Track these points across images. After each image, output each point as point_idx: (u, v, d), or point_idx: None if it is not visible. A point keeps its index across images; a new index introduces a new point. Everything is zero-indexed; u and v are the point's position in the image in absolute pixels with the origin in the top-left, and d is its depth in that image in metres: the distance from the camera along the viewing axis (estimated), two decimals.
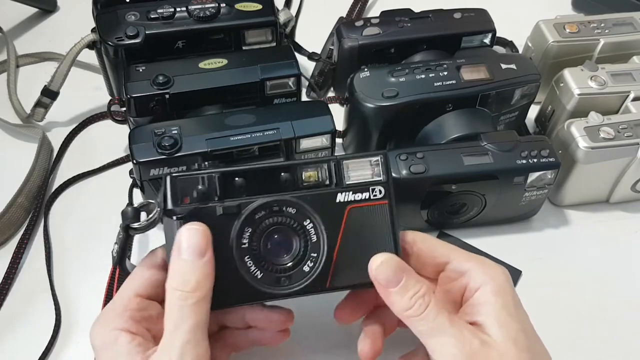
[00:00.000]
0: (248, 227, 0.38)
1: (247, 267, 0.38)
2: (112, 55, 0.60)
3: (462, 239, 0.60)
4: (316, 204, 0.39)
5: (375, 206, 0.40)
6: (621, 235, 0.61)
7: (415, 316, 0.37)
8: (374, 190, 0.40)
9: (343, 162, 0.40)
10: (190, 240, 0.37)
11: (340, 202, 0.40)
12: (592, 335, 0.54)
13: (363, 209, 0.40)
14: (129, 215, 0.39)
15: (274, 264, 0.39)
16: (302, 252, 0.39)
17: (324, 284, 0.39)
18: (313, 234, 0.39)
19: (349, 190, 0.40)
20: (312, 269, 0.39)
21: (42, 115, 0.67)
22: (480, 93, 0.58)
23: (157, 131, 0.52)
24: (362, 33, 0.65)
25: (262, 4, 0.63)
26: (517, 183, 0.56)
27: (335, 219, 0.39)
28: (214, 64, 0.58)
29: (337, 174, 0.40)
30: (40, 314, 0.54)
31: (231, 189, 0.39)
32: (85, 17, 0.65)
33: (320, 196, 0.39)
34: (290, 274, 0.39)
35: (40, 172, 0.63)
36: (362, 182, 0.40)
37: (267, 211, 0.38)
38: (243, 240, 0.38)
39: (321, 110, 0.56)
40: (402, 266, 0.39)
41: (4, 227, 0.59)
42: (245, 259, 0.38)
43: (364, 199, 0.40)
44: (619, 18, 0.68)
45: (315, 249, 0.39)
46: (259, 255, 0.38)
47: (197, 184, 0.38)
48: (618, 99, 0.61)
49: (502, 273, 0.40)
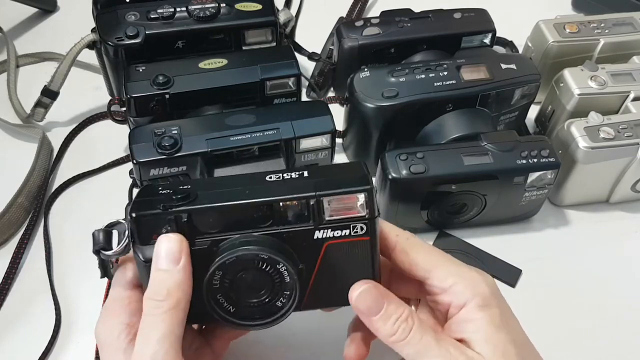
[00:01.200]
0: (219, 271, 0.37)
1: (220, 304, 0.38)
2: (112, 55, 0.60)
3: (462, 239, 0.60)
4: (292, 240, 0.38)
5: (355, 242, 0.38)
6: (621, 235, 0.61)
7: (400, 341, 0.37)
8: (355, 227, 0.38)
9: (323, 200, 0.37)
10: (166, 249, 0.36)
11: (317, 238, 0.38)
12: (592, 335, 0.54)
13: (342, 245, 0.38)
14: (99, 240, 0.39)
15: (247, 301, 0.38)
16: (275, 290, 0.38)
17: (297, 308, 0.39)
18: (286, 275, 0.37)
19: (327, 227, 0.38)
20: (285, 304, 0.38)
21: (42, 115, 0.67)
22: (480, 93, 0.58)
23: (157, 131, 0.52)
24: (362, 33, 0.65)
25: (262, 4, 0.63)
26: (517, 183, 0.56)
27: (312, 254, 0.38)
28: (214, 64, 0.58)
29: (315, 211, 0.37)
30: (40, 314, 0.54)
31: (201, 225, 0.37)
32: (85, 17, 0.65)
33: (297, 233, 0.38)
34: (263, 308, 0.38)
35: (40, 172, 0.63)
36: (343, 218, 0.38)
37: (238, 257, 0.37)
38: (214, 282, 0.37)
39: (321, 110, 0.56)
40: (382, 292, 0.38)
41: (4, 227, 0.59)
42: (217, 296, 0.38)
43: (343, 236, 0.38)
44: (619, 18, 0.68)
45: (289, 288, 0.38)
46: (231, 293, 0.38)
47: (165, 224, 0.37)
48: (618, 99, 0.61)
49: (486, 285, 0.39)
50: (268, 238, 0.37)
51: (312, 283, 0.39)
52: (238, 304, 0.38)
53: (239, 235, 0.37)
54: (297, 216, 0.37)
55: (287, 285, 0.38)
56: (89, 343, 0.51)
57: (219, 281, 0.37)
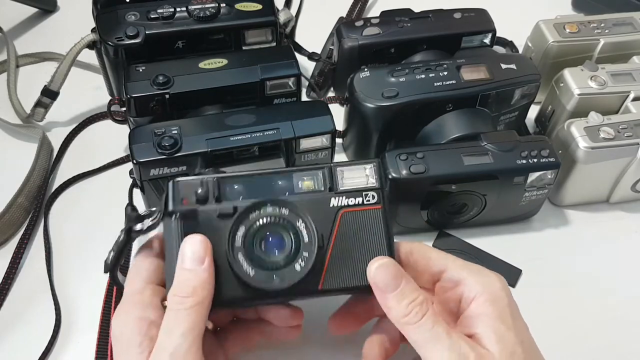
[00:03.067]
0: (242, 226, 0.39)
1: (240, 265, 0.39)
2: (112, 55, 0.60)
3: (462, 239, 0.60)
4: (309, 207, 0.40)
5: (368, 211, 0.41)
6: (621, 235, 0.61)
7: (412, 324, 0.37)
8: (367, 196, 0.41)
9: (337, 169, 0.41)
10: (191, 248, 0.38)
11: (333, 206, 0.41)
12: (592, 335, 0.54)
13: (356, 214, 0.41)
14: (132, 217, 0.41)
15: (266, 261, 0.39)
16: (293, 250, 0.39)
17: (316, 286, 0.40)
18: (305, 234, 0.39)
19: (342, 195, 0.41)
20: (304, 268, 0.39)
21: (42, 115, 0.67)
22: (480, 93, 0.58)
23: (157, 131, 0.52)
24: (362, 33, 0.65)
25: (262, 4, 0.63)
26: (517, 183, 0.56)
27: (328, 222, 0.40)
28: (214, 64, 0.58)
29: (330, 180, 0.41)
30: (40, 314, 0.54)
31: (228, 193, 0.40)
32: (85, 17, 0.65)
33: (314, 200, 0.40)
34: (282, 271, 0.39)
35: (40, 172, 0.63)
36: (356, 188, 0.41)
37: (260, 211, 0.39)
38: (237, 239, 0.39)
39: (321, 110, 0.56)
40: (400, 271, 0.39)
41: (4, 227, 0.59)
42: (238, 256, 0.39)
43: (357, 204, 0.41)
44: (619, 18, 0.68)
45: (307, 248, 0.39)
46: (252, 253, 0.39)
47: (196, 188, 0.40)
48: (618, 99, 0.61)
49: (498, 281, 0.40)
50: (287, 201, 0.40)
51: (329, 257, 0.40)
52: (258, 265, 0.39)
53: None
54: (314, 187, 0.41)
55: (306, 246, 0.39)
56: (89, 343, 0.51)
57: (241, 238, 0.39)
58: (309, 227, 0.39)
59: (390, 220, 0.41)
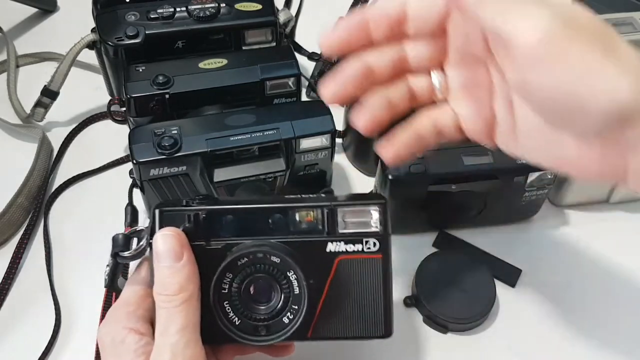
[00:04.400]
0: (229, 273, 0.37)
1: (226, 312, 0.38)
2: (112, 55, 0.60)
3: (462, 239, 0.60)
4: (304, 252, 0.38)
5: (367, 259, 0.38)
6: (621, 235, 0.61)
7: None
8: (368, 243, 0.38)
9: (338, 210, 0.38)
10: (165, 246, 0.37)
11: (330, 251, 0.38)
12: (592, 335, 0.54)
13: (354, 261, 0.38)
14: (119, 243, 0.40)
15: (252, 311, 0.38)
16: (282, 303, 0.37)
17: (304, 335, 0.38)
18: (296, 285, 0.37)
19: (340, 240, 0.38)
20: (292, 321, 0.37)
21: (42, 115, 0.67)
22: None
23: (157, 131, 0.52)
24: None
25: (262, 4, 0.63)
26: (517, 183, 0.56)
27: (324, 269, 0.38)
28: (214, 64, 0.58)
29: (330, 221, 0.38)
30: (40, 314, 0.54)
31: (217, 226, 0.38)
32: (85, 17, 0.65)
33: (310, 244, 0.38)
34: (269, 324, 0.38)
35: (40, 172, 0.63)
36: (356, 232, 0.38)
37: (250, 258, 0.37)
38: (223, 286, 0.37)
39: (321, 110, 0.56)
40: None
41: (4, 227, 0.59)
42: (224, 304, 0.37)
43: (356, 251, 0.38)
44: (619, 18, 0.68)
45: (297, 301, 0.37)
46: (238, 302, 0.38)
47: (183, 221, 0.38)
48: None
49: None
50: (281, 245, 0.37)
51: (321, 305, 0.38)
52: (244, 315, 0.38)
53: (253, 240, 0.38)
54: (311, 226, 0.38)
55: (295, 298, 0.37)
56: (89, 343, 0.51)
57: (228, 285, 0.37)
58: (299, 278, 0.37)
59: (389, 271, 0.38)
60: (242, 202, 0.39)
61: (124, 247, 0.40)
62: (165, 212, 0.38)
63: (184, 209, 0.38)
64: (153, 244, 0.37)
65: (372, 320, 0.39)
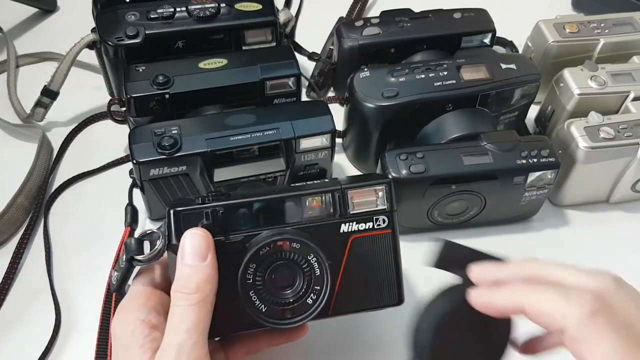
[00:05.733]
0: (252, 264, 0.38)
1: (252, 302, 0.39)
2: (112, 55, 0.60)
3: (462, 239, 0.59)
4: (320, 235, 0.40)
5: (378, 235, 0.41)
6: (621, 235, 0.61)
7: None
8: (377, 220, 0.41)
9: (347, 192, 0.40)
10: (192, 245, 0.38)
11: (343, 232, 0.40)
12: None
13: (366, 239, 0.41)
14: (132, 248, 0.40)
15: (277, 297, 0.39)
16: (305, 285, 0.39)
17: (326, 312, 0.40)
18: (317, 267, 0.39)
19: (352, 220, 0.40)
20: (315, 301, 0.39)
21: (42, 115, 0.67)
22: (480, 93, 0.58)
23: (157, 131, 0.52)
24: (362, 33, 0.65)
25: (262, 4, 0.63)
26: (517, 183, 0.56)
27: (339, 249, 0.40)
28: (214, 64, 0.58)
29: (341, 204, 0.40)
30: (40, 314, 0.54)
31: (235, 220, 0.39)
32: (85, 17, 0.65)
33: (324, 227, 0.40)
34: (294, 306, 0.39)
35: (40, 172, 0.63)
36: (366, 211, 0.41)
37: (271, 247, 0.38)
38: (247, 276, 0.38)
39: (321, 110, 0.56)
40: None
41: (4, 227, 0.59)
42: (250, 293, 0.39)
43: (368, 229, 0.41)
44: (619, 18, 0.68)
45: (319, 282, 0.39)
46: (263, 290, 0.39)
47: (200, 219, 0.39)
48: (618, 99, 0.61)
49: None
50: (298, 231, 0.39)
51: (339, 282, 0.40)
52: (269, 302, 0.39)
53: (270, 229, 0.39)
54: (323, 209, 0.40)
55: (317, 279, 0.39)
56: (89, 343, 0.51)
57: (252, 276, 0.38)
58: (320, 260, 0.39)
59: (398, 243, 0.41)
60: (253, 195, 0.40)
61: (138, 251, 0.40)
62: (181, 212, 0.39)
63: (200, 207, 0.39)
64: (181, 241, 0.38)
65: (387, 290, 0.42)
